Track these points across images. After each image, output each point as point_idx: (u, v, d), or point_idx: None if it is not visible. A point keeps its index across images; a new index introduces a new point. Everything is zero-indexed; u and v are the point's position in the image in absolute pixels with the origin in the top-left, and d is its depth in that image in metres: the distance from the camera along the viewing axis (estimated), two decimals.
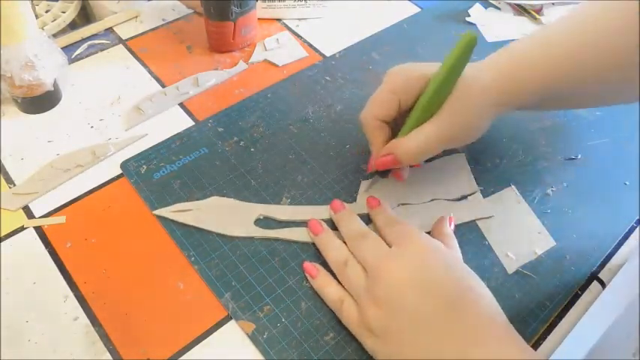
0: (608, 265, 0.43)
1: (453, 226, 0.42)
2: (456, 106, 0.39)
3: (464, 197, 0.46)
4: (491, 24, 0.63)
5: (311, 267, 0.40)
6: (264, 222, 0.43)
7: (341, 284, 0.39)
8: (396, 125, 0.42)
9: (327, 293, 0.39)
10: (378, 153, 0.42)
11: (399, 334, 0.34)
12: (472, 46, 0.36)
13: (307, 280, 0.40)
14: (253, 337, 0.37)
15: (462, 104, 0.39)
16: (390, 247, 0.38)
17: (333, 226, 0.43)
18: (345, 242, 0.41)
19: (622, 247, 0.44)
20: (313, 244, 0.42)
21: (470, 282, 0.36)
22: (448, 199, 0.45)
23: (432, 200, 0.45)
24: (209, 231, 0.42)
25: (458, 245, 0.41)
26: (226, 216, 0.43)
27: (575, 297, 0.41)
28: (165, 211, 0.43)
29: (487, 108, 0.40)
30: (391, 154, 0.41)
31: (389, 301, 0.35)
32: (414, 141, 0.39)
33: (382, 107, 0.41)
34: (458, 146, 0.42)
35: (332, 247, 0.41)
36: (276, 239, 0.42)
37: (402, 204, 0.45)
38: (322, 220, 0.43)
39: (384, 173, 0.44)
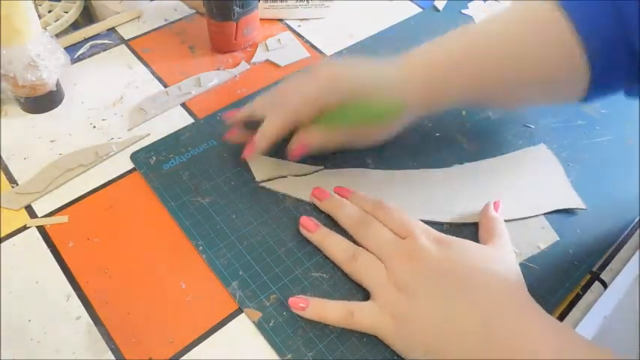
0: (610, 266, 0.43)
1: (499, 210, 0.43)
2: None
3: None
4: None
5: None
6: None
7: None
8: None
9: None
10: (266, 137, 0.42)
11: (419, 316, 0.35)
12: (395, 115, 0.40)
13: (313, 269, 0.40)
14: (259, 325, 0.37)
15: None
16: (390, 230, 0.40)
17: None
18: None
19: (624, 247, 0.44)
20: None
21: (484, 262, 0.37)
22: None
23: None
24: (217, 221, 0.43)
25: (505, 231, 0.41)
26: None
27: (577, 297, 0.41)
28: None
29: (409, 111, 0.42)
30: (302, 144, 0.42)
31: (410, 287, 0.36)
32: (315, 137, 0.42)
33: (301, 112, 0.42)
34: (365, 144, 0.44)
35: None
36: None
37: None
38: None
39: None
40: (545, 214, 0.45)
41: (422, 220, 0.42)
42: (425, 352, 0.35)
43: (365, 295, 0.39)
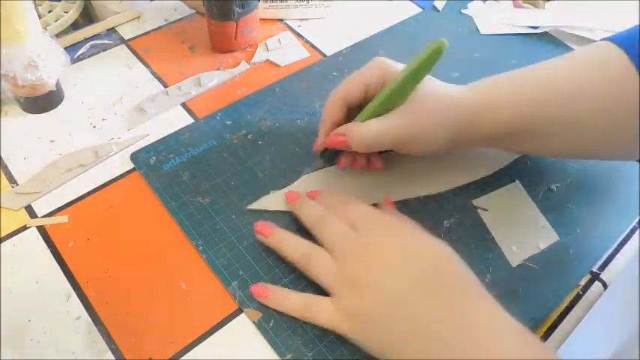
0: (610, 266, 0.43)
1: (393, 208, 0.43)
2: (417, 106, 0.39)
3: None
4: (487, 16, 0.64)
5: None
6: None
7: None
8: (355, 115, 0.42)
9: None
10: (326, 130, 0.42)
11: (376, 317, 0.34)
12: (438, 54, 0.36)
13: None
14: (259, 325, 0.37)
15: (423, 108, 0.39)
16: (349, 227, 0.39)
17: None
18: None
19: (624, 247, 0.44)
20: None
21: (442, 256, 0.36)
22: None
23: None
24: (217, 221, 0.43)
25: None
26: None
27: (577, 297, 0.41)
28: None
29: (449, 124, 0.40)
30: (344, 135, 0.41)
31: (363, 285, 0.35)
32: (369, 128, 0.40)
33: (348, 87, 0.41)
34: (411, 152, 0.42)
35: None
36: None
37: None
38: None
39: (330, 159, 0.44)
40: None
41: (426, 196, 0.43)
42: (386, 349, 0.34)
43: None
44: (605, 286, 0.42)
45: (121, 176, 0.46)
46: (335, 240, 0.38)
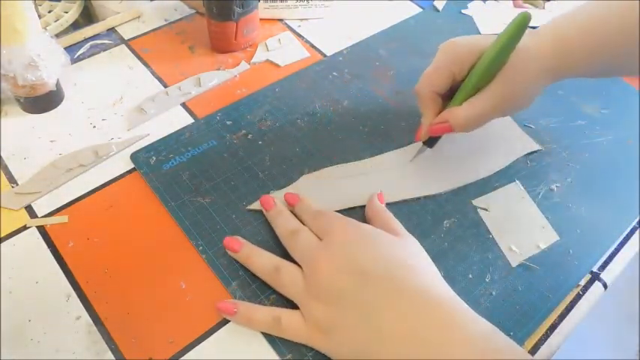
0: (610, 266, 0.43)
1: (383, 203, 0.44)
2: (509, 76, 0.40)
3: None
4: (487, 16, 0.64)
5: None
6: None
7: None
8: (450, 97, 0.43)
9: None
10: (429, 122, 0.43)
11: (345, 327, 0.34)
12: (525, 25, 0.37)
13: None
14: None
15: (515, 74, 0.40)
16: (320, 239, 0.38)
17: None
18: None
19: (624, 248, 0.44)
20: None
21: (407, 260, 0.36)
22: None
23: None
24: (217, 221, 0.43)
25: (393, 218, 0.41)
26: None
27: (577, 297, 0.41)
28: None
29: (541, 74, 0.42)
30: (446, 121, 0.42)
31: (329, 295, 0.35)
32: (469, 110, 0.41)
33: (436, 79, 0.42)
34: (511, 114, 0.44)
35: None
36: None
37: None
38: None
39: (431, 143, 0.45)
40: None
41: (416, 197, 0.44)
42: (354, 357, 0.34)
43: None
44: (605, 286, 0.42)
45: (121, 176, 0.46)
46: (303, 253, 0.38)
